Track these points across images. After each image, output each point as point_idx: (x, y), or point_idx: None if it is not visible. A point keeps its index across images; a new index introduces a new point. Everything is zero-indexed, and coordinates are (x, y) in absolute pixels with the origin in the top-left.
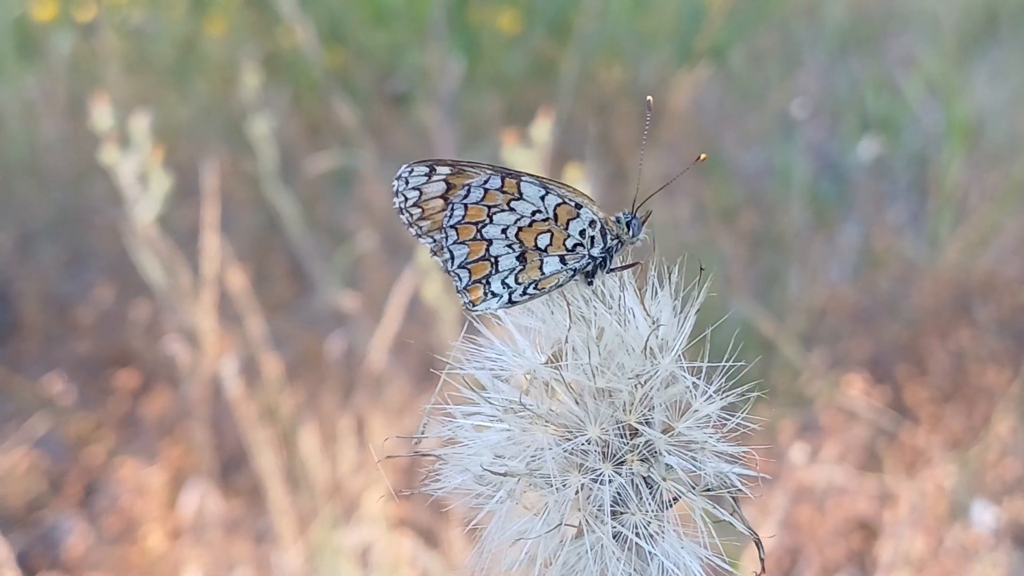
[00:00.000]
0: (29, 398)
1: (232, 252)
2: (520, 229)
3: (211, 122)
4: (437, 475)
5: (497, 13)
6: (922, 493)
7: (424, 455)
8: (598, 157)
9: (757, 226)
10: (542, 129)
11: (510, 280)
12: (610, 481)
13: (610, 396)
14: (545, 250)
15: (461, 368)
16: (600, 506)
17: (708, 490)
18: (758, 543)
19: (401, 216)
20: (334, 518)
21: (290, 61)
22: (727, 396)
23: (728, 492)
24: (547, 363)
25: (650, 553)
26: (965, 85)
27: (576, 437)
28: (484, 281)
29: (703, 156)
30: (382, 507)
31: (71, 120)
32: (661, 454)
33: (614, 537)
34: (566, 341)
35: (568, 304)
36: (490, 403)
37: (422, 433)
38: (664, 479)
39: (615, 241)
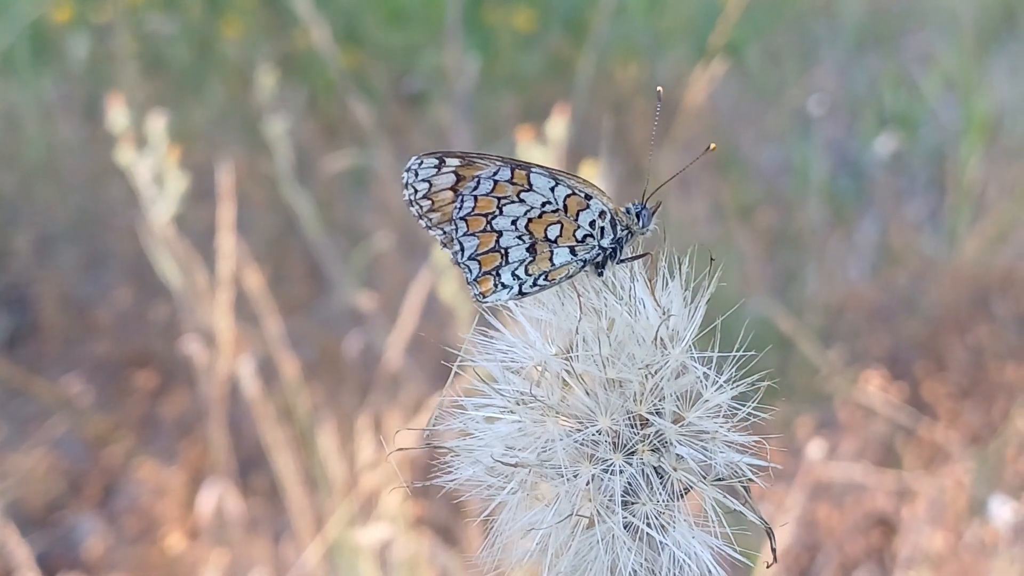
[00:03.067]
0: (48, 399)
1: (250, 253)
2: (530, 220)
3: (228, 123)
4: (449, 468)
5: (513, 12)
6: (941, 489)
7: (436, 447)
8: (614, 155)
9: (775, 223)
10: (558, 126)
11: (520, 272)
12: (621, 471)
13: (621, 387)
14: (555, 241)
15: (472, 360)
16: (611, 496)
17: (719, 480)
18: (770, 533)
19: (411, 208)
20: (352, 517)
21: (306, 62)
22: (738, 386)
23: (739, 482)
24: (558, 354)
25: (661, 543)
26: (983, 81)
27: (587, 428)
28: (494, 273)
29: (713, 146)
30: (400, 505)
31: (88, 122)
32: (672, 444)
33: (625, 527)
34: (577, 332)
35: (579, 295)
36: (501, 395)
37: (434, 426)
38: (675, 469)
39: (625, 232)
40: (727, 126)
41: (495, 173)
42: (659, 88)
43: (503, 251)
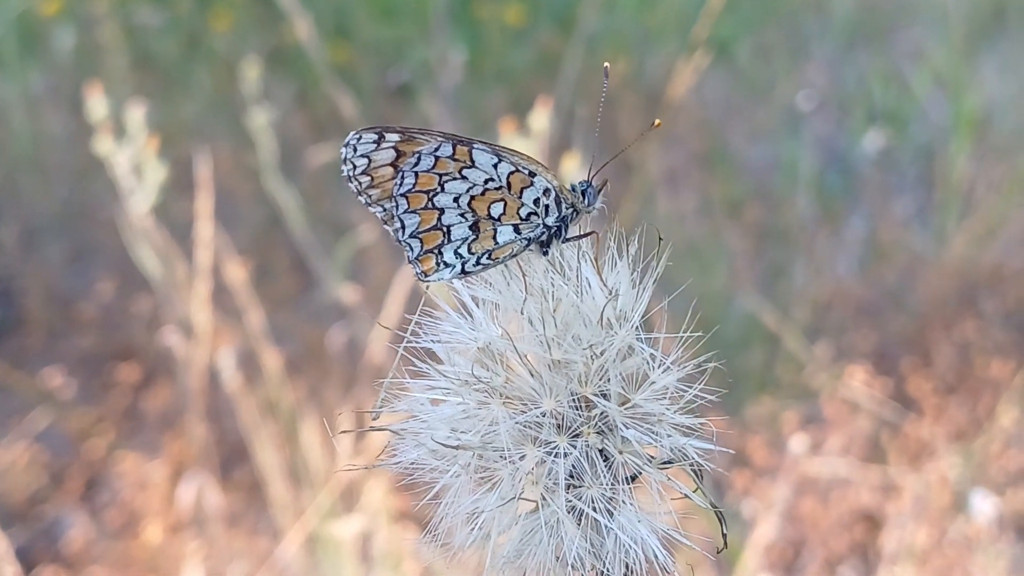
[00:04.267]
0: (30, 393)
1: (235, 246)
2: (473, 198)
3: (216, 117)
4: (394, 450)
5: (504, 7)
6: (926, 485)
7: (380, 429)
8: (600, 149)
9: (763, 219)
10: (540, 118)
11: (463, 250)
12: (565, 454)
13: (566, 368)
14: (499, 219)
15: (418, 341)
16: (555, 480)
17: (666, 463)
18: (720, 517)
19: (350, 184)
20: (334, 510)
21: (295, 56)
22: (685, 367)
23: (687, 465)
24: (503, 335)
25: (606, 527)
26: (973, 78)
27: (531, 410)
28: (436, 251)
29: (657, 122)
30: (382, 499)
31: (75, 115)
32: (617, 427)
33: (570, 511)
34: (522, 313)
35: (524, 275)
36: (445, 376)
37: (380, 407)
38: (621, 452)
39: (570, 210)
40: (717, 122)
41: (436, 149)
42: (606, 64)
43: (445, 229)
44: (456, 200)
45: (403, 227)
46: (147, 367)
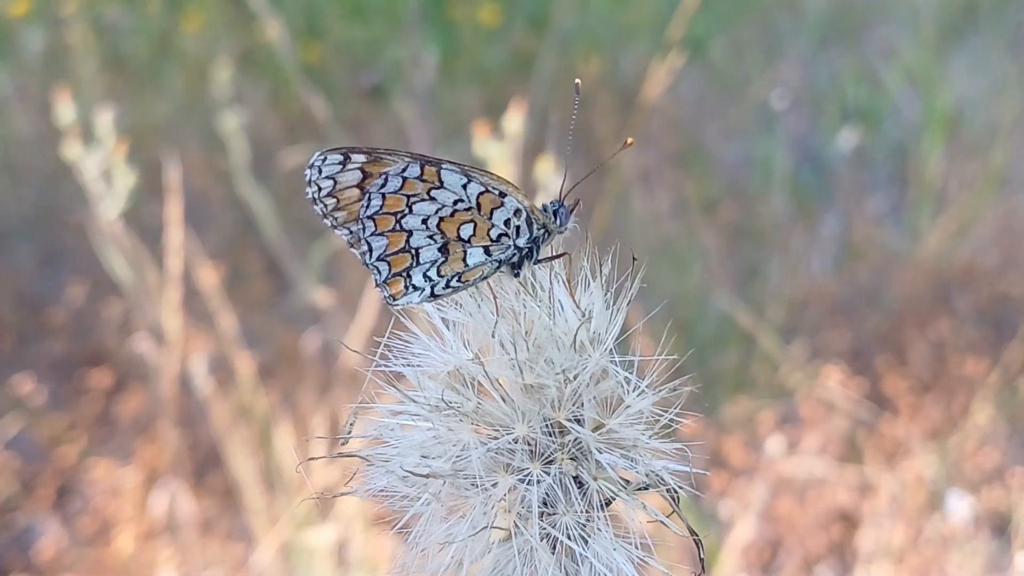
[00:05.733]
0: (0, 399)
1: (208, 249)
2: (442, 219)
3: (188, 119)
4: (363, 477)
5: (477, 6)
6: (902, 484)
7: (348, 456)
8: (577, 151)
9: (738, 218)
10: (514, 121)
11: (432, 273)
12: (538, 481)
13: (539, 392)
14: (468, 241)
15: (387, 365)
16: (528, 507)
17: (642, 488)
18: (698, 544)
19: (315, 207)
20: (308, 516)
21: (267, 57)
22: (661, 391)
23: (663, 491)
24: (474, 359)
25: (581, 555)
26: (945, 76)
27: (503, 436)
28: (405, 274)
29: (630, 140)
30: (358, 504)
31: (44, 117)
32: (591, 452)
33: (543, 539)
34: (493, 336)
35: (495, 297)
36: (415, 401)
37: (348, 433)
38: (595, 478)
39: (542, 231)
40: (690, 121)
41: (404, 170)
42: (577, 81)
43: (414, 251)
44: (425, 222)
45: (370, 250)
46: (119, 372)
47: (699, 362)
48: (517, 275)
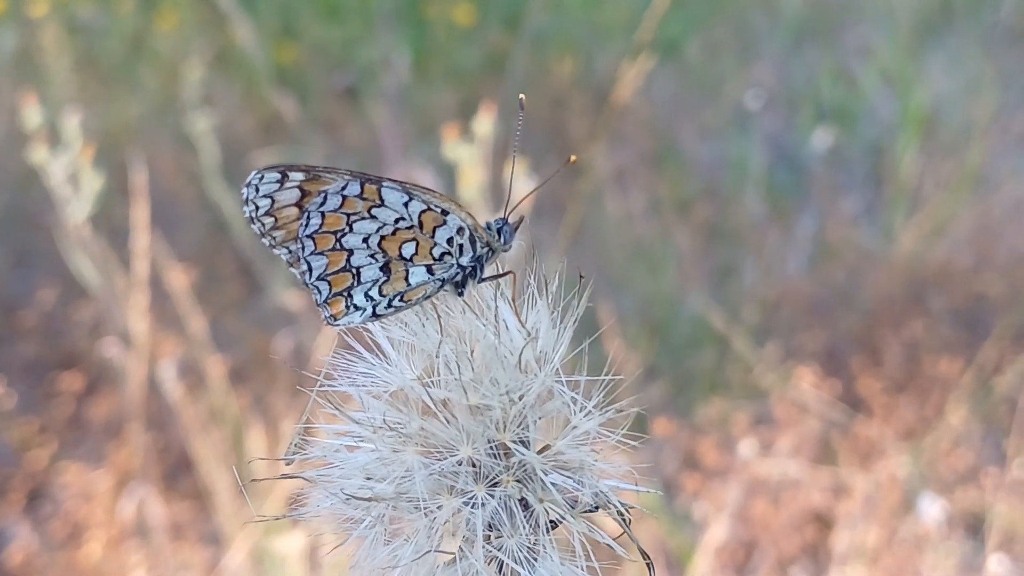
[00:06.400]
0: None
1: (179, 251)
2: (383, 238)
3: (161, 119)
4: (306, 498)
5: (451, 5)
6: (876, 485)
7: (291, 477)
8: (551, 151)
9: (712, 218)
10: (484, 124)
11: (373, 292)
12: (483, 504)
13: (484, 413)
14: (411, 260)
15: (332, 384)
16: (473, 530)
17: (590, 510)
18: (650, 567)
19: (252, 226)
20: (279, 520)
21: (241, 57)
22: (607, 411)
23: (611, 512)
24: (418, 379)
25: None
26: (920, 75)
27: (447, 458)
28: (345, 294)
29: (573, 158)
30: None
31: (16, 118)
32: (537, 474)
33: (489, 563)
34: (437, 356)
35: (439, 316)
36: (359, 423)
37: (292, 454)
38: (541, 501)
39: (485, 249)
40: (665, 120)
41: (343, 188)
42: (521, 96)
43: (355, 271)
44: (365, 240)
45: (310, 270)
46: (90, 375)
47: (673, 363)
48: (461, 294)
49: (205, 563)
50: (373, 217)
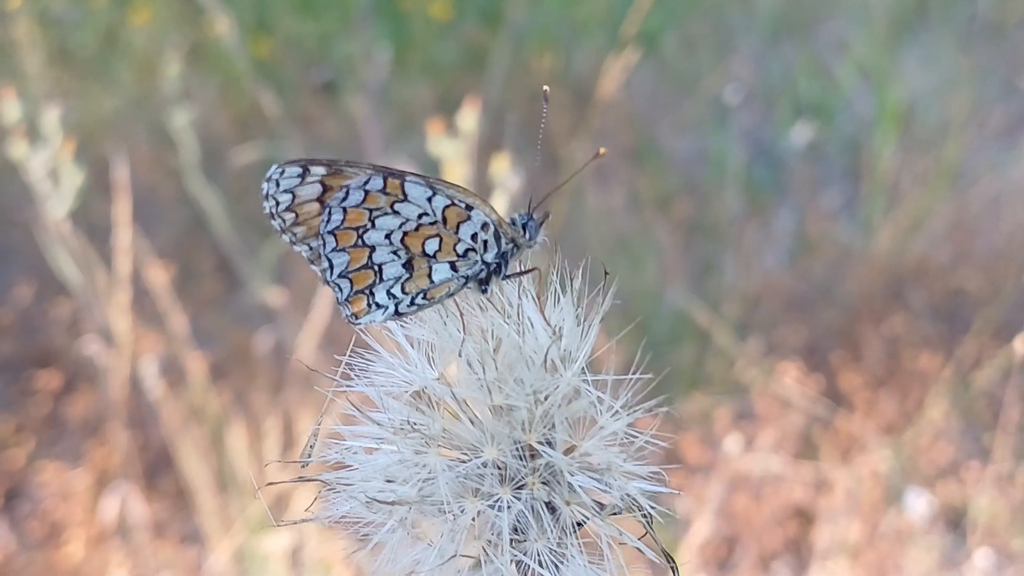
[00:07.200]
0: None
1: (157, 247)
2: (406, 234)
3: (137, 114)
4: (326, 502)
5: (428, 0)
6: (857, 479)
7: (310, 480)
8: (530, 146)
9: (692, 213)
10: (468, 119)
11: (396, 290)
12: (509, 507)
13: (508, 414)
14: (434, 256)
15: (350, 385)
16: (499, 534)
17: (615, 513)
18: (674, 569)
19: (273, 222)
20: (262, 519)
21: (217, 51)
22: (635, 411)
23: (638, 515)
24: (440, 379)
25: None
26: (896, 70)
27: (471, 460)
28: (367, 292)
29: (603, 151)
30: (311, 506)
31: None
32: (564, 476)
33: (514, 566)
34: (460, 355)
35: (461, 314)
36: (378, 423)
37: (308, 456)
38: (568, 503)
39: (510, 245)
40: (643, 116)
41: (366, 183)
42: (545, 88)
43: (376, 268)
44: (388, 237)
45: (331, 267)
46: (67, 373)
47: (654, 358)
48: (484, 291)
49: (186, 562)
50: (396, 212)
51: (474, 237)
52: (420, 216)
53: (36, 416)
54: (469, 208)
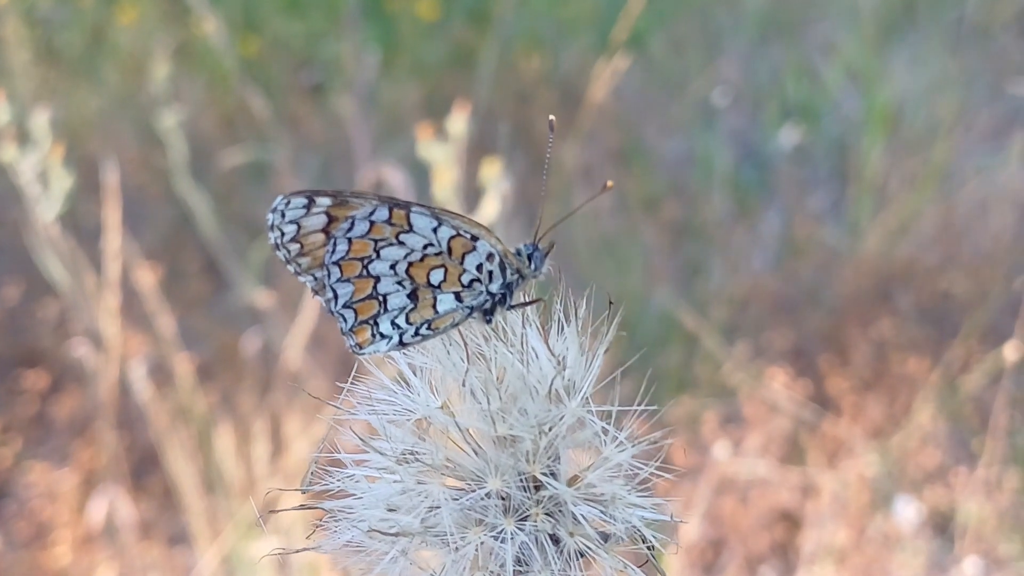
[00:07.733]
0: None
1: (144, 249)
2: (410, 264)
3: (123, 114)
4: (326, 529)
5: (416, 0)
6: (844, 484)
7: (311, 508)
8: (518, 148)
9: (679, 215)
10: (458, 123)
11: (400, 320)
12: (512, 538)
13: (512, 444)
14: (438, 287)
15: (352, 413)
16: (502, 565)
17: (620, 544)
18: None
19: (278, 252)
20: (250, 522)
21: (204, 51)
22: (640, 442)
23: (643, 546)
24: (443, 408)
25: None
26: (884, 72)
27: (475, 490)
28: (372, 322)
29: (610, 184)
30: (299, 511)
31: None
32: (568, 507)
33: None
34: (464, 384)
35: (465, 343)
36: (380, 452)
37: (309, 484)
38: (572, 535)
39: (515, 276)
40: (631, 117)
41: (371, 213)
42: (551, 117)
43: (381, 298)
44: (393, 267)
45: (336, 297)
46: (54, 373)
47: (641, 362)
48: (489, 321)
49: (172, 563)
50: (401, 243)
51: (479, 268)
52: (425, 247)
53: (23, 416)
54: (475, 239)
